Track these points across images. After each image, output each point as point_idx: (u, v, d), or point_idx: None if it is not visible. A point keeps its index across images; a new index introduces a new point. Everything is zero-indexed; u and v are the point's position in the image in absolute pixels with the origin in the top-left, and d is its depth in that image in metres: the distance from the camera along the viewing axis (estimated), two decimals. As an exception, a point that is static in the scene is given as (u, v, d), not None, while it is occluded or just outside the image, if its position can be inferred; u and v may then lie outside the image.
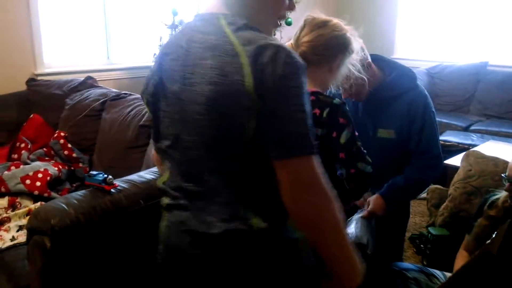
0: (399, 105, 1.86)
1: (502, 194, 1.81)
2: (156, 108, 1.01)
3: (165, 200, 1.04)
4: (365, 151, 1.44)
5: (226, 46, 0.88)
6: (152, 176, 1.47)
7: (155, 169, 1.54)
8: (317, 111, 1.40)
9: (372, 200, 1.82)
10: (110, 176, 1.35)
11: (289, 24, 3.47)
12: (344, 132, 1.40)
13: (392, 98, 1.86)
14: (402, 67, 1.94)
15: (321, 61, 1.46)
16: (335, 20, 1.50)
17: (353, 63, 1.54)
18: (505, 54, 4.55)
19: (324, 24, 1.47)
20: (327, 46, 1.45)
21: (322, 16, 1.50)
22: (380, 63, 1.91)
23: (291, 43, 1.51)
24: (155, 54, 3.58)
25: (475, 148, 2.92)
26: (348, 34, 1.49)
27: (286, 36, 3.54)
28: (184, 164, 0.98)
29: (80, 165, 2.39)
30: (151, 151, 1.94)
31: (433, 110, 1.90)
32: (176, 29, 3.52)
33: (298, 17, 1.54)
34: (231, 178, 0.94)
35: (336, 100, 1.42)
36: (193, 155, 0.95)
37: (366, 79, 1.68)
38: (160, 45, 3.53)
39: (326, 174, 0.92)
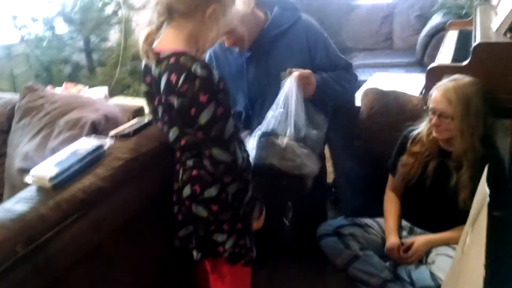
0: (292, 39, 1.71)
1: (421, 128, 1.74)
2: None
3: None
4: (232, 137, 1.16)
5: None
6: (26, 206, 1.02)
7: (25, 193, 1.08)
8: (173, 77, 1.11)
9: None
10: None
11: None
12: (204, 112, 1.11)
13: (279, 36, 1.70)
14: (283, 2, 1.78)
15: (189, 10, 1.16)
16: None
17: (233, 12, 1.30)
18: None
19: None
20: None
21: None
22: (261, 4, 1.74)
23: None
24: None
25: (366, 85, 2.91)
26: None
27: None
28: None
29: None
30: (13, 163, 1.44)
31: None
32: None
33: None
34: None
35: (196, 67, 1.11)
36: None
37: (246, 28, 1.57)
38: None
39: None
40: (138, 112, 1.52)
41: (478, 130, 1.54)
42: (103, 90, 2.23)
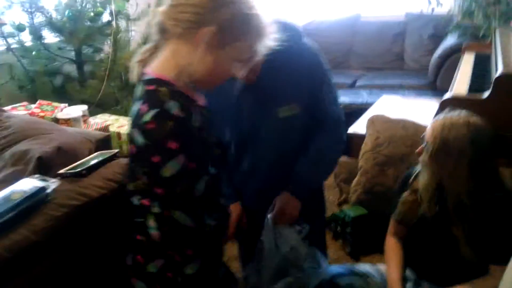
0: (294, 68, 1.41)
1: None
2: None
3: None
4: (202, 200, 0.95)
5: None
6: None
7: None
8: (144, 107, 0.89)
9: (279, 199, 1.46)
10: None
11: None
12: (169, 163, 0.88)
13: (278, 62, 1.35)
14: (282, 23, 1.47)
15: (181, 30, 0.93)
16: None
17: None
18: (375, 6, 4.47)
19: None
20: (189, 8, 0.92)
21: None
22: None
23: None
24: None
25: (373, 109, 2.71)
26: None
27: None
28: None
29: None
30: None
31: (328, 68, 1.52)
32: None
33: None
34: None
35: (172, 104, 0.89)
36: None
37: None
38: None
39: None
40: (104, 142, 1.31)
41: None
42: (82, 108, 2.04)
